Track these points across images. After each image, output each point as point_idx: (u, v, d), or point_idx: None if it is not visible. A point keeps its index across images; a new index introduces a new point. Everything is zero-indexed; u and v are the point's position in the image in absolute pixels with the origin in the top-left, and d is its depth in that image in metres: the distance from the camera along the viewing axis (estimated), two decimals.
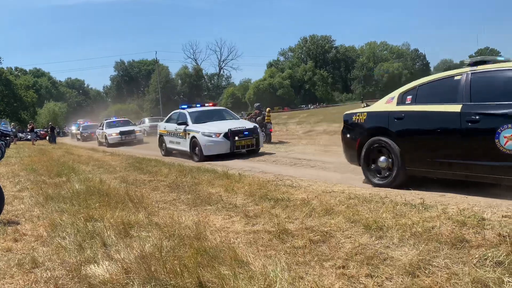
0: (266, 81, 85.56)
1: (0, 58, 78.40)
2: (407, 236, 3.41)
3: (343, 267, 2.97)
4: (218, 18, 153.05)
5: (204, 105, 13.80)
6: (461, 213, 3.87)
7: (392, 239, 3.39)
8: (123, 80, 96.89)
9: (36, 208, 5.74)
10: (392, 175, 5.76)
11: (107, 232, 4.14)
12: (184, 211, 5.03)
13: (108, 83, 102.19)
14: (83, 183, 7.38)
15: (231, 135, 10.91)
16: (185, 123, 12.00)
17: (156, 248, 3.49)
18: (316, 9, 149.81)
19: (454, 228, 3.46)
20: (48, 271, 3.32)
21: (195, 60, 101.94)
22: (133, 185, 7.13)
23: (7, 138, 25.90)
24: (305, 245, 3.45)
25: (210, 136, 10.96)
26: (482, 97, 4.88)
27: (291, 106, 79.11)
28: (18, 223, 4.97)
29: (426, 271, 2.77)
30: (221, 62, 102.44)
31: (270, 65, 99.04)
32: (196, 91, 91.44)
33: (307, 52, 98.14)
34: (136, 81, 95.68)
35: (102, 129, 22.92)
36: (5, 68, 69.49)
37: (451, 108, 5.07)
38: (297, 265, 3.07)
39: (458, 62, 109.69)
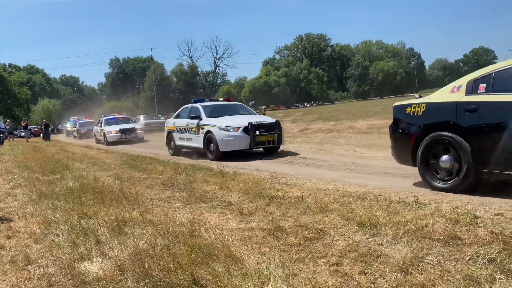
0: (262, 79, 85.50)
1: None
2: (401, 234, 3.43)
3: (337, 264, 2.98)
4: (214, 16, 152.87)
5: (219, 100, 13.14)
6: (454, 211, 3.90)
7: (386, 237, 3.41)
8: (118, 77, 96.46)
9: (30, 205, 5.71)
10: (460, 178, 4.95)
11: (101, 229, 4.13)
12: (179, 209, 5.02)
13: (103, 80, 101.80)
14: (77, 181, 7.35)
15: (252, 130, 9.97)
16: (199, 117, 11.13)
17: (150, 245, 3.48)
18: (312, 7, 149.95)
19: (447, 226, 3.48)
20: (41, 268, 3.31)
21: (191, 58, 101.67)
22: (128, 183, 7.11)
23: (1, 136, 25.79)
24: (299, 243, 3.46)
25: (228, 130, 10.04)
26: None
27: (287, 104, 79.08)
28: (11, 220, 4.94)
29: (419, 268, 2.79)
30: (217, 60, 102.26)
31: (266, 63, 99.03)
32: (192, 89, 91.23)
33: (303, 51, 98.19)
34: (131, 79, 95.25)
35: (101, 127, 21.94)
36: None
37: None
38: (291, 262, 3.08)
39: (453, 61, 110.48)
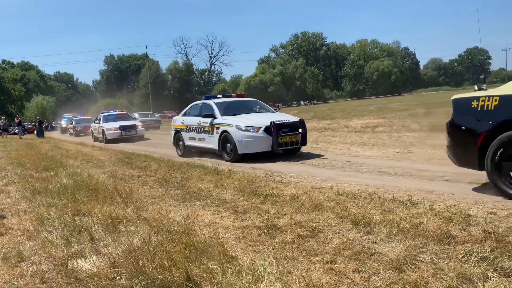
0: (257, 78, 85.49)
1: None
2: (395, 232, 3.44)
3: (331, 262, 2.99)
4: (209, 13, 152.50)
5: (231, 96, 11.97)
6: (448, 210, 3.92)
7: (380, 235, 3.42)
8: (113, 75, 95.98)
9: (23, 202, 5.68)
10: None
11: (95, 227, 4.12)
12: (173, 206, 5.02)
13: (98, 77, 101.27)
14: (71, 178, 7.32)
15: (274, 130, 9.02)
16: (212, 116, 10.16)
17: (144, 243, 3.47)
18: (308, 6, 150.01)
19: (441, 224, 3.50)
20: (34, 265, 3.29)
21: (186, 55, 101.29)
22: (122, 180, 7.08)
23: None
24: (294, 240, 3.46)
25: (248, 131, 9.14)
26: None
27: (282, 103, 79.16)
28: (4, 217, 4.91)
29: (413, 266, 2.80)
30: (212, 58, 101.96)
31: (261, 62, 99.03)
32: (187, 87, 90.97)
33: (298, 49, 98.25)
34: (126, 76, 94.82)
35: (99, 123, 20.67)
36: None
37: None
38: (285, 260, 3.08)
39: (448, 61, 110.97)
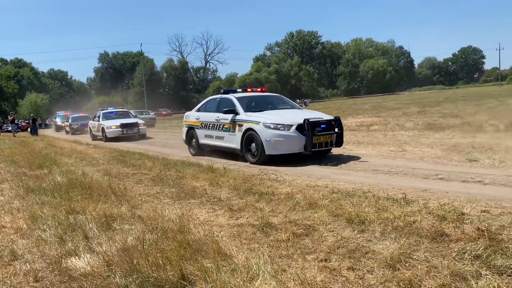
0: (253, 76, 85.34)
1: None
2: (389, 230, 3.46)
3: (326, 260, 3.00)
4: (205, 11, 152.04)
5: (252, 90, 10.67)
6: (442, 208, 3.94)
7: (374, 233, 3.44)
8: (107, 72, 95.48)
9: (16, 200, 5.65)
10: None
11: (89, 225, 4.10)
12: (168, 205, 5.00)
13: (92, 75, 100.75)
14: (65, 176, 7.28)
15: (309, 128, 7.88)
16: (234, 112, 9.07)
17: (139, 241, 3.46)
18: (303, 4, 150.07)
19: (435, 223, 3.52)
20: (28, 264, 3.28)
21: (181, 53, 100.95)
22: (116, 178, 7.05)
23: None
24: (289, 238, 3.47)
25: (277, 129, 8.06)
26: None
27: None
28: None
29: (407, 264, 2.81)
30: (207, 56, 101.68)
31: (257, 60, 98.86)
32: (182, 85, 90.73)
33: (294, 48, 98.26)
34: (121, 73, 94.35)
35: (99, 121, 19.36)
36: None
37: None
38: (280, 258, 3.09)
39: (442, 60, 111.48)
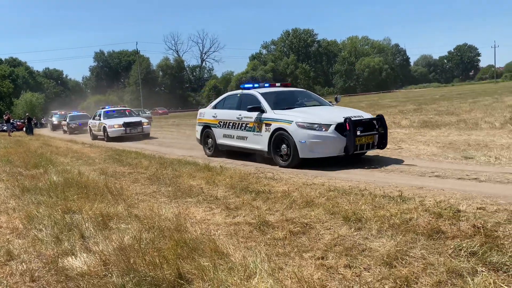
0: (249, 74, 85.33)
1: None
2: (385, 228, 3.47)
3: (322, 258, 3.01)
4: (200, 9, 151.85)
5: (275, 85, 9.74)
6: (438, 205, 3.96)
7: (371, 231, 3.45)
8: (103, 71, 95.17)
9: (12, 200, 5.62)
10: None
11: (86, 224, 4.09)
12: (165, 203, 5.00)
13: (88, 74, 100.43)
14: (61, 175, 7.26)
15: (351, 128, 6.92)
16: (260, 110, 8.13)
17: (136, 240, 3.46)
18: (299, 3, 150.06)
19: (431, 220, 3.53)
20: (24, 264, 3.27)
21: (177, 52, 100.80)
22: (113, 177, 7.04)
23: None
24: (285, 237, 3.47)
25: (313, 129, 7.07)
26: None
27: None
28: None
29: (403, 262, 2.82)
30: (203, 54, 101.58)
31: (253, 58, 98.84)
32: (178, 83, 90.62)
33: (290, 46, 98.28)
34: (116, 72, 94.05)
35: (100, 120, 18.34)
36: None
37: None
38: (277, 256, 3.09)
39: (438, 58, 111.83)
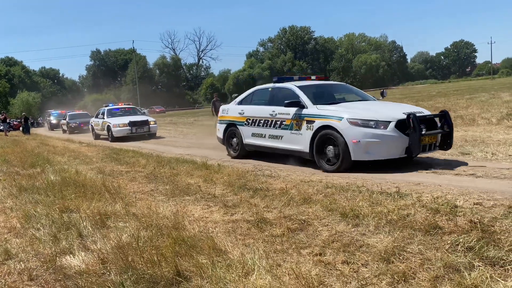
0: (246, 72, 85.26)
1: None
2: (383, 224, 3.48)
3: (320, 254, 3.02)
4: (197, 7, 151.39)
5: (310, 78, 8.81)
6: (435, 201, 3.97)
7: (368, 227, 3.46)
8: (100, 70, 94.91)
9: (9, 200, 5.61)
10: None
11: (83, 223, 4.09)
12: (162, 202, 5.00)
13: (84, 73, 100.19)
14: (59, 174, 7.24)
15: (416, 126, 5.95)
16: (299, 105, 7.14)
17: (134, 238, 3.46)
18: (295, 0, 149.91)
19: (428, 216, 3.55)
20: (22, 263, 3.27)
21: (173, 50, 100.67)
22: (110, 176, 7.03)
23: None
24: (283, 233, 3.48)
25: (369, 127, 6.13)
26: None
27: None
28: None
29: (401, 257, 2.84)
30: (200, 52, 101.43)
31: (250, 56, 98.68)
32: (175, 82, 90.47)
33: (287, 43, 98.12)
34: (113, 71, 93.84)
35: (103, 118, 17.32)
36: None
37: None
38: (275, 253, 3.10)
39: (434, 54, 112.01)
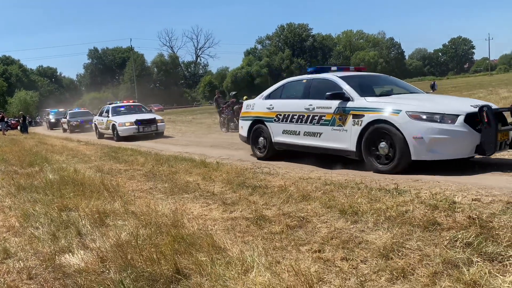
0: (244, 70, 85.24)
1: None
2: (382, 220, 3.48)
3: (319, 251, 3.02)
4: (194, 5, 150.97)
5: (349, 69, 7.93)
6: (433, 197, 3.98)
7: (367, 223, 3.46)
8: (97, 68, 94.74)
9: (8, 199, 5.60)
10: None
11: (82, 221, 4.09)
12: (161, 200, 4.99)
13: (82, 71, 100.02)
14: (57, 173, 7.23)
15: (493, 120, 5.20)
16: (342, 97, 6.33)
17: (133, 236, 3.46)
18: None
19: (427, 212, 3.55)
20: (21, 262, 3.26)
21: (171, 48, 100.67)
22: (109, 174, 7.02)
23: None
24: (282, 231, 3.48)
25: (434, 121, 5.39)
26: None
27: None
28: None
29: (400, 253, 2.84)
30: (198, 50, 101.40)
31: (248, 53, 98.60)
32: (173, 80, 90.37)
33: (285, 40, 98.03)
34: (111, 69, 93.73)
35: (107, 117, 16.51)
36: None
37: None
38: (274, 250, 3.10)
39: (432, 51, 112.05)
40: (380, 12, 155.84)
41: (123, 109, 17.25)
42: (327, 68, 7.73)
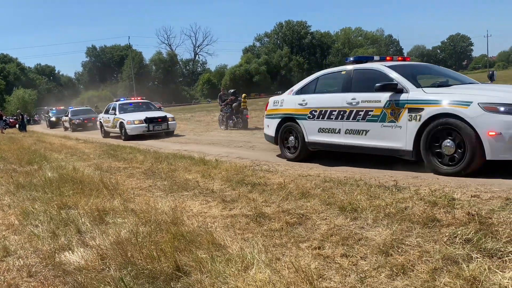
0: (242, 67, 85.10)
1: None
2: (381, 217, 3.49)
3: (319, 248, 3.03)
4: (192, 2, 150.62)
5: (392, 59, 6.99)
6: (433, 194, 3.98)
7: (367, 220, 3.47)
8: (95, 66, 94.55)
9: (7, 197, 5.60)
10: None
11: (82, 219, 4.09)
12: (161, 197, 4.99)
13: (80, 69, 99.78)
14: (56, 171, 7.22)
15: None
16: (394, 89, 5.58)
17: (132, 234, 3.46)
18: None
19: (426, 208, 3.56)
20: (21, 259, 3.27)
21: (170, 46, 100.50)
22: (108, 172, 7.02)
23: None
24: (282, 228, 3.49)
25: None
26: None
27: (268, 92, 79.04)
28: None
29: (399, 250, 2.85)
30: (196, 48, 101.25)
31: (246, 51, 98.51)
32: (171, 77, 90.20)
33: (283, 38, 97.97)
34: (109, 67, 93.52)
35: (114, 114, 15.48)
36: None
37: None
38: (274, 247, 3.11)
39: (431, 48, 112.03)
40: (379, 9, 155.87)
41: (131, 107, 16.28)
42: (370, 58, 6.90)
